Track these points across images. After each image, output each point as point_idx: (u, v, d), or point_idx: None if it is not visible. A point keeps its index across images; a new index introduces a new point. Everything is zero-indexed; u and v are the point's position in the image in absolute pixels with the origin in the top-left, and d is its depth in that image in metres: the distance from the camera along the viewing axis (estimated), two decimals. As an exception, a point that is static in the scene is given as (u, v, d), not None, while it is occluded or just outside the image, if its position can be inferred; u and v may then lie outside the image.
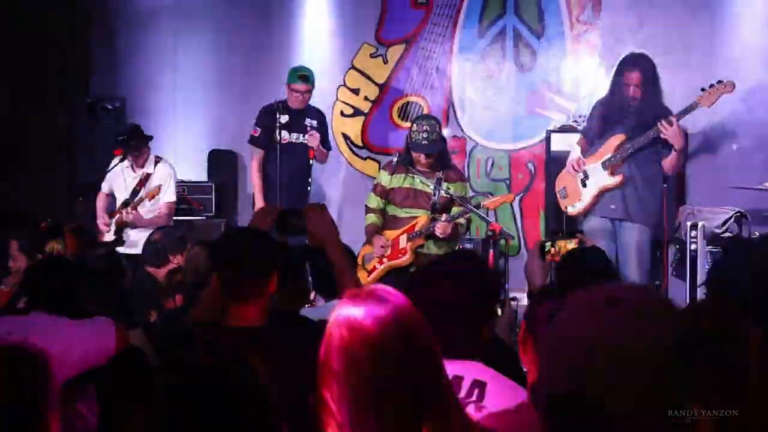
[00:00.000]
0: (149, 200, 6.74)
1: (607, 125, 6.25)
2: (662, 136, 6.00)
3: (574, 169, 6.33)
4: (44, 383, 2.19)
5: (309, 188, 7.37)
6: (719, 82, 6.10)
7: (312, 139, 7.11)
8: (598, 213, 6.28)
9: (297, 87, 7.18)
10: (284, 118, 7.14)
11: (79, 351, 2.93)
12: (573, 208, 6.39)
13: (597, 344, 1.47)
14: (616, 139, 6.18)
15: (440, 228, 6.08)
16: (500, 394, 2.44)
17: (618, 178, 6.17)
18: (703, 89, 6.10)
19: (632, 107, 6.15)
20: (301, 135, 7.21)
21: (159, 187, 6.79)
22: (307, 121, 7.25)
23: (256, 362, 1.90)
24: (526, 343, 2.30)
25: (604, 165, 6.20)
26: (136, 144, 6.87)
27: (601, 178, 6.23)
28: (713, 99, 6.11)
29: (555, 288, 2.79)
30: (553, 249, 3.73)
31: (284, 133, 7.13)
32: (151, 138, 7.04)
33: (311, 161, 7.26)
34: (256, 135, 7.27)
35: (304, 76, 7.21)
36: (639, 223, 6.19)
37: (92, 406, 3.00)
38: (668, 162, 6.17)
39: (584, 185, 6.32)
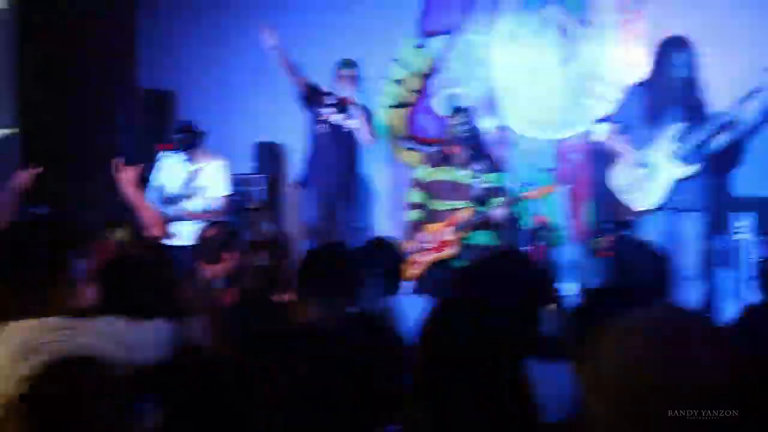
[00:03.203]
0: (191, 198, 6.80)
1: (656, 112, 6.04)
2: (735, 118, 5.86)
3: (640, 165, 6.07)
4: (109, 394, 2.24)
5: (356, 176, 7.43)
6: None
7: (358, 123, 7.17)
8: (665, 205, 6.05)
9: (343, 72, 7.29)
10: (330, 99, 7.24)
11: (141, 355, 2.97)
12: (648, 203, 6.06)
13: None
14: (675, 127, 5.99)
15: (497, 213, 6.05)
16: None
17: (691, 168, 5.96)
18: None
19: (680, 92, 6.01)
20: (345, 119, 7.27)
21: (204, 188, 6.86)
22: (352, 110, 7.30)
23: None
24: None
25: (672, 155, 5.98)
26: (191, 140, 6.95)
27: (671, 170, 6.00)
28: None
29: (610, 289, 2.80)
30: (603, 245, 3.76)
31: (327, 110, 7.22)
32: (204, 134, 7.12)
33: (357, 149, 7.32)
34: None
35: (349, 61, 7.32)
36: (697, 211, 6.06)
37: (149, 406, 3.05)
38: (720, 142, 6.06)
39: (652, 179, 6.07)
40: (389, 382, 2.94)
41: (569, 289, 6.28)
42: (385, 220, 8.29)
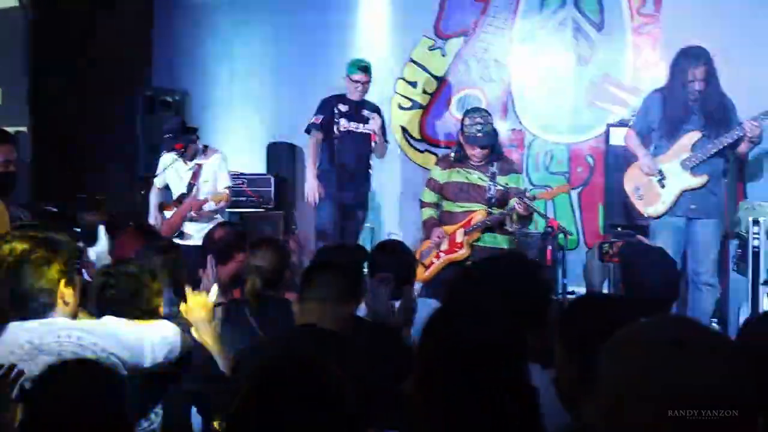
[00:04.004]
0: (216, 204, 6.80)
1: (673, 123, 6.05)
2: (748, 135, 5.87)
3: (650, 171, 6.09)
4: (118, 397, 2.23)
5: (370, 179, 7.42)
6: None
7: (374, 123, 7.15)
8: (675, 212, 6.05)
9: (357, 77, 7.23)
10: (343, 107, 7.20)
11: (149, 357, 2.96)
12: (654, 210, 6.08)
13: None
14: (691, 137, 6.00)
15: (521, 207, 5.99)
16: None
17: (702, 179, 5.97)
18: None
19: (696, 103, 6.01)
20: (361, 125, 7.25)
21: (227, 194, 6.86)
22: (366, 112, 7.29)
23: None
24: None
25: (684, 165, 6.00)
26: (185, 139, 6.93)
27: (682, 179, 6.01)
28: None
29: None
30: (611, 250, 3.73)
31: (343, 121, 7.17)
32: (197, 130, 7.10)
33: (371, 153, 7.31)
34: (318, 122, 7.29)
35: (363, 66, 7.28)
36: (712, 218, 6.05)
37: (157, 407, 3.05)
38: (741, 151, 6.08)
39: (662, 186, 6.09)
40: (390, 385, 2.92)
41: (578, 293, 6.25)
42: (399, 222, 8.28)
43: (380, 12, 8.46)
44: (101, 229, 4.09)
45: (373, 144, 7.27)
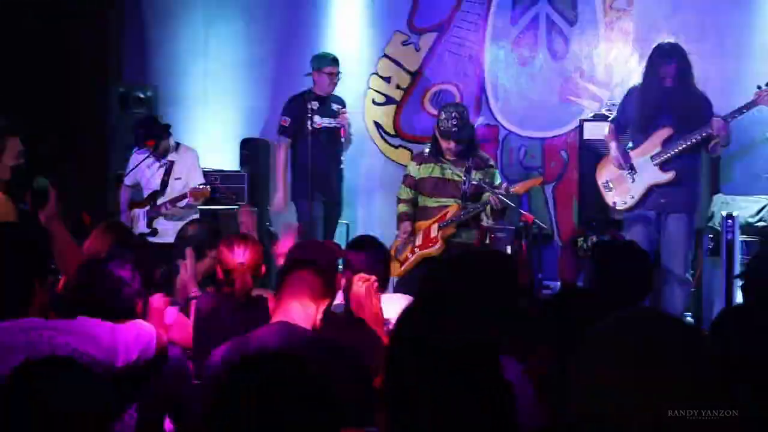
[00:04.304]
0: (195, 200, 6.75)
1: (646, 119, 6.11)
2: (715, 133, 5.92)
3: (621, 165, 6.17)
4: (92, 396, 2.20)
5: (343, 174, 7.43)
6: None
7: (343, 119, 7.19)
8: (646, 207, 6.13)
9: (332, 69, 7.24)
10: (315, 104, 7.19)
11: (123, 357, 2.93)
12: (623, 204, 6.18)
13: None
14: (663, 133, 6.06)
15: (495, 201, 6.03)
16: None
17: (670, 175, 6.04)
18: (759, 87, 5.98)
19: (668, 100, 6.06)
20: (333, 120, 7.26)
21: (207, 190, 6.80)
22: (334, 106, 7.30)
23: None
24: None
25: (654, 161, 6.07)
26: (157, 135, 6.89)
27: (651, 174, 6.09)
28: None
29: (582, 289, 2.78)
30: (585, 244, 3.74)
31: (317, 118, 7.17)
32: (169, 126, 7.06)
33: (342, 147, 7.33)
34: (286, 125, 7.30)
35: (335, 58, 7.29)
36: (684, 213, 6.11)
37: (131, 409, 3.02)
38: (710, 151, 6.15)
39: (633, 180, 6.16)
40: (365, 382, 2.92)
41: (553, 287, 6.28)
42: (373, 218, 8.26)
43: (353, 6, 8.43)
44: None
45: (342, 138, 7.28)
